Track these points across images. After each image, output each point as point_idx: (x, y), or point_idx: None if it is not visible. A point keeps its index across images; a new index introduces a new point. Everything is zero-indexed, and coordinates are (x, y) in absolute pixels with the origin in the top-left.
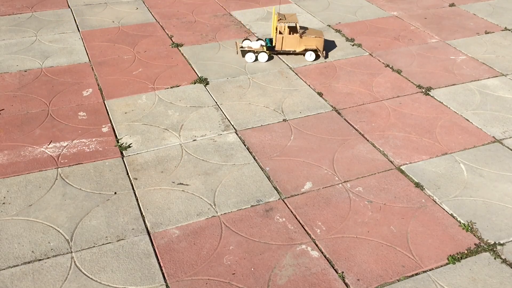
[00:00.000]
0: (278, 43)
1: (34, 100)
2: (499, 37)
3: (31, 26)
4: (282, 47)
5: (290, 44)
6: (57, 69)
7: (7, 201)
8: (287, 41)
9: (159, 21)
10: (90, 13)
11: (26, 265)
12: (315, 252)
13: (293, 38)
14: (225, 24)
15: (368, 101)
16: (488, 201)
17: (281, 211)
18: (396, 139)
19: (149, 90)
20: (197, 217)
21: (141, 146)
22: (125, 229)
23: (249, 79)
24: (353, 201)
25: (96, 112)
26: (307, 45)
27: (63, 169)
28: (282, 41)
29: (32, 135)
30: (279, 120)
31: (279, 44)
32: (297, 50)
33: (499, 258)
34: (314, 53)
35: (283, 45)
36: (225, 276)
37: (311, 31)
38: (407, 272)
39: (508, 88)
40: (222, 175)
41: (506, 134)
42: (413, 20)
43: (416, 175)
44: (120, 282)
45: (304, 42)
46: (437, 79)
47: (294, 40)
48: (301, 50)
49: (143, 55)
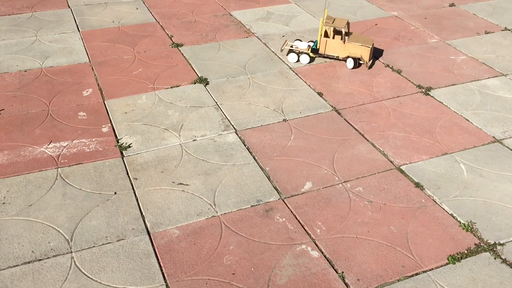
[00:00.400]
0: (322, 47)
1: (34, 100)
2: (499, 37)
3: (31, 26)
4: (326, 51)
5: (333, 49)
6: (57, 69)
7: (7, 201)
8: (330, 45)
9: (159, 21)
10: (90, 13)
11: (26, 265)
12: (315, 252)
13: (336, 42)
14: (225, 24)
15: (368, 101)
16: (488, 201)
17: (281, 211)
18: (396, 139)
19: (149, 90)
20: (197, 217)
21: (141, 146)
22: (125, 229)
23: (249, 79)
24: (353, 201)
25: (96, 112)
26: (351, 53)
27: (63, 169)
28: (326, 45)
29: (32, 135)
30: (279, 120)
31: (323, 47)
32: (340, 56)
33: (499, 258)
34: (354, 60)
35: (327, 49)
36: (225, 276)
37: (359, 38)
38: (407, 272)
39: (508, 88)
40: (222, 175)
41: (506, 134)
42: (413, 20)
43: (416, 175)
44: (120, 282)
45: (348, 49)
46: (437, 79)
47: (338, 45)
48: (344, 56)
49: (143, 55)
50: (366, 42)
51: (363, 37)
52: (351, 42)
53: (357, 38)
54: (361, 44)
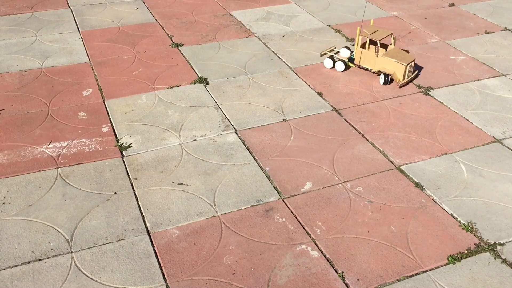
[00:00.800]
0: (357, 57)
1: (34, 100)
2: (499, 37)
3: (31, 26)
4: (360, 61)
5: (367, 60)
6: (57, 69)
7: (7, 201)
8: (365, 56)
9: (159, 21)
10: (90, 13)
11: (26, 265)
12: (315, 252)
13: (370, 54)
14: (225, 24)
15: (368, 101)
16: (488, 201)
17: (281, 211)
18: (396, 139)
19: (149, 90)
20: (197, 217)
21: (141, 146)
22: (125, 229)
23: (249, 79)
24: (353, 201)
25: (96, 112)
26: (384, 68)
27: (63, 169)
28: (360, 56)
29: (32, 135)
30: (279, 120)
31: (357, 58)
32: (373, 69)
33: (499, 258)
34: (384, 77)
35: (361, 60)
36: (225, 276)
37: (395, 53)
38: (407, 272)
39: (508, 88)
40: (222, 175)
41: (506, 134)
42: (413, 20)
43: (416, 175)
44: (120, 282)
45: (382, 63)
46: (437, 79)
47: (371, 58)
48: (376, 70)
49: (143, 55)
50: (403, 59)
51: (403, 53)
52: (385, 57)
53: (394, 53)
54: (396, 61)
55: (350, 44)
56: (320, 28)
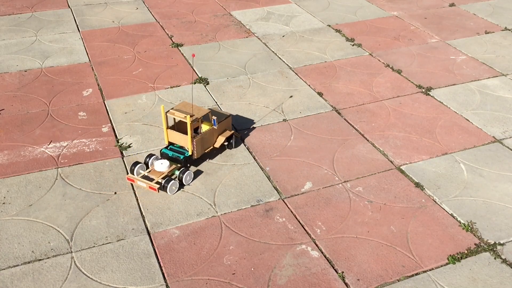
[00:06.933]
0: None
1: (34, 100)
2: (499, 37)
3: (31, 26)
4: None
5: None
6: (57, 69)
7: (7, 201)
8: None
9: (159, 21)
10: (90, 13)
11: (26, 265)
12: (315, 252)
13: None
14: (225, 24)
15: (368, 101)
16: (488, 201)
17: (281, 211)
18: (396, 139)
19: (149, 90)
20: (197, 217)
21: (141, 146)
22: (125, 229)
23: (249, 79)
24: (353, 201)
25: (96, 112)
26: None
27: (63, 169)
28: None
29: (32, 135)
30: (279, 120)
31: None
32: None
33: (499, 258)
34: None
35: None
36: (225, 276)
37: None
38: (407, 272)
39: (508, 88)
40: (222, 175)
41: (506, 134)
42: (413, 20)
43: (416, 175)
44: (120, 282)
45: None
46: (437, 79)
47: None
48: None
49: (143, 55)
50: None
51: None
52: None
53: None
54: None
55: (350, 44)
56: (320, 28)
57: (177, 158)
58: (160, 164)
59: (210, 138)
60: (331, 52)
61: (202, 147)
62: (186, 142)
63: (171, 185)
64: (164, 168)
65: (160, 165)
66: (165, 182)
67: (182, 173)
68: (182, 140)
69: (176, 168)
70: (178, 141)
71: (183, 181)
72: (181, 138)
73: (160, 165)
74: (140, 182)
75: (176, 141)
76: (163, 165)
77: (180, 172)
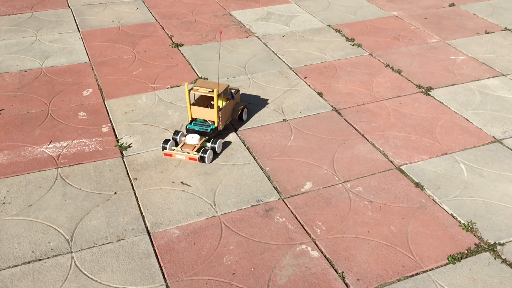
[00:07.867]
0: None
1: (34, 100)
2: (499, 37)
3: (31, 26)
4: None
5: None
6: (57, 69)
7: (7, 201)
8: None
9: (159, 21)
10: (90, 13)
11: (26, 265)
12: (315, 252)
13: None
14: (225, 24)
15: (368, 101)
16: (488, 201)
17: (281, 211)
18: (396, 139)
19: (149, 90)
20: (197, 217)
21: (141, 146)
22: (125, 229)
23: (249, 79)
24: (353, 201)
25: (96, 112)
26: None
27: (63, 169)
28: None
29: (32, 135)
30: (279, 120)
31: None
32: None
33: (499, 258)
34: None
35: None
36: (225, 276)
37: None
38: (407, 272)
39: (508, 88)
40: (222, 175)
41: (506, 134)
42: (413, 20)
43: (416, 175)
44: (120, 282)
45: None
46: (437, 79)
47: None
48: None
49: (143, 55)
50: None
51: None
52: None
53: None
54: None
55: (350, 44)
56: (320, 28)
57: (204, 130)
58: (191, 137)
59: (230, 110)
60: (331, 52)
61: (224, 119)
62: (210, 116)
63: (208, 154)
64: (195, 141)
65: (191, 139)
66: (202, 152)
67: (213, 143)
68: (207, 114)
69: (205, 140)
70: (202, 116)
71: (216, 149)
72: (206, 112)
73: (191, 138)
74: (178, 155)
75: (201, 116)
76: (194, 138)
77: (211, 143)
